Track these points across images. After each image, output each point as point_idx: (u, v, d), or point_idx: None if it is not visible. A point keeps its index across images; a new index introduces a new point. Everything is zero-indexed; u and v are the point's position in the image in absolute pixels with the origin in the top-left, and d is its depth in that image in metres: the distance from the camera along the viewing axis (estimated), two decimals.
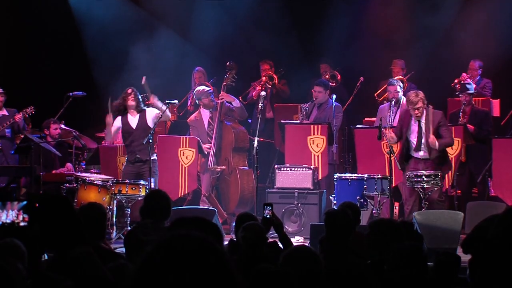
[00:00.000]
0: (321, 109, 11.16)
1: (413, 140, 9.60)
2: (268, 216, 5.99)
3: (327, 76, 12.40)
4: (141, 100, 10.17)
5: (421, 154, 9.59)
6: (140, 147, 9.97)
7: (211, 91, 11.17)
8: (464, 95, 10.89)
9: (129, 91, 10.12)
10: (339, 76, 12.51)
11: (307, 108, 11.13)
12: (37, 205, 2.50)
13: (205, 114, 11.13)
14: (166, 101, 9.91)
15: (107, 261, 3.80)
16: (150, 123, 10.03)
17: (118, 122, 10.20)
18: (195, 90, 11.33)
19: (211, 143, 10.95)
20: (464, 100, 10.91)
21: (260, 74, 12.82)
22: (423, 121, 9.54)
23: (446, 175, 9.96)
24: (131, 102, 10.07)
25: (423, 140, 9.55)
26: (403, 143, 9.67)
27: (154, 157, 10.10)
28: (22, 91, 12.49)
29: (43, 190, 10.08)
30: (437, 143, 9.39)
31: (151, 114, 10.09)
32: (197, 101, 11.32)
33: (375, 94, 12.12)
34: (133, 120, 10.14)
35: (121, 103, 10.12)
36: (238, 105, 11.17)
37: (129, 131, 10.12)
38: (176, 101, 9.67)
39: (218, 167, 10.98)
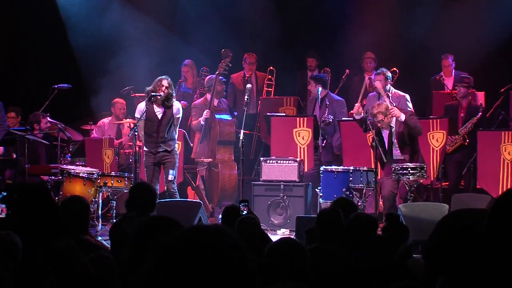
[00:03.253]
0: (324, 105, 11.07)
1: (386, 146, 9.69)
2: (243, 213, 6.00)
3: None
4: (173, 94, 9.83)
5: (395, 153, 9.65)
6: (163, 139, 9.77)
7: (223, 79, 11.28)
8: (459, 87, 10.85)
9: (164, 82, 9.75)
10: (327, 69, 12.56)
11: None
12: (15, 196, 2.48)
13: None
14: (152, 94, 9.83)
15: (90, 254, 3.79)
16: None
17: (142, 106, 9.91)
18: (207, 78, 11.43)
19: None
20: (458, 92, 10.89)
21: (242, 65, 12.77)
22: (393, 126, 9.64)
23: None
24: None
25: (394, 141, 9.64)
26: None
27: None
28: (6, 84, 12.43)
29: (23, 181, 10.00)
30: (402, 115, 9.46)
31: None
32: (207, 88, 11.42)
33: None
34: (159, 111, 9.85)
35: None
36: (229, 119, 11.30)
37: (153, 121, 9.85)
38: (161, 94, 9.60)
39: (206, 159, 11.02)
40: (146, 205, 6.01)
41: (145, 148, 9.91)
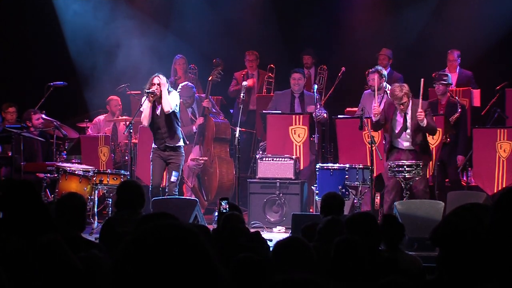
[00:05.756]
0: (304, 101, 11.07)
1: (396, 131, 9.54)
2: (224, 211, 6.00)
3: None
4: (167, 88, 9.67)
5: (405, 144, 9.53)
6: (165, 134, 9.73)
7: (189, 90, 11.19)
8: (438, 84, 10.79)
9: (154, 80, 9.68)
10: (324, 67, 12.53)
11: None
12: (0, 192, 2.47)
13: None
14: (146, 91, 9.81)
15: (85, 251, 3.79)
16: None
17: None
18: (184, 85, 11.31)
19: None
20: (437, 90, 10.83)
21: (245, 64, 12.78)
22: (408, 113, 9.47)
23: (429, 165, 9.98)
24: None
25: (408, 131, 9.48)
26: (389, 133, 9.62)
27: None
28: (2, 82, 12.41)
29: (8, 177, 9.97)
30: (425, 120, 9.29)
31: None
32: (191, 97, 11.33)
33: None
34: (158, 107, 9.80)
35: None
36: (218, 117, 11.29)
37: (156, 118, 9.79)
38: (151, 90, 9.57)
39: (201, 158, 11.04)
40: (135, 203, 5.99)
41: (153, 145, 9.86)
